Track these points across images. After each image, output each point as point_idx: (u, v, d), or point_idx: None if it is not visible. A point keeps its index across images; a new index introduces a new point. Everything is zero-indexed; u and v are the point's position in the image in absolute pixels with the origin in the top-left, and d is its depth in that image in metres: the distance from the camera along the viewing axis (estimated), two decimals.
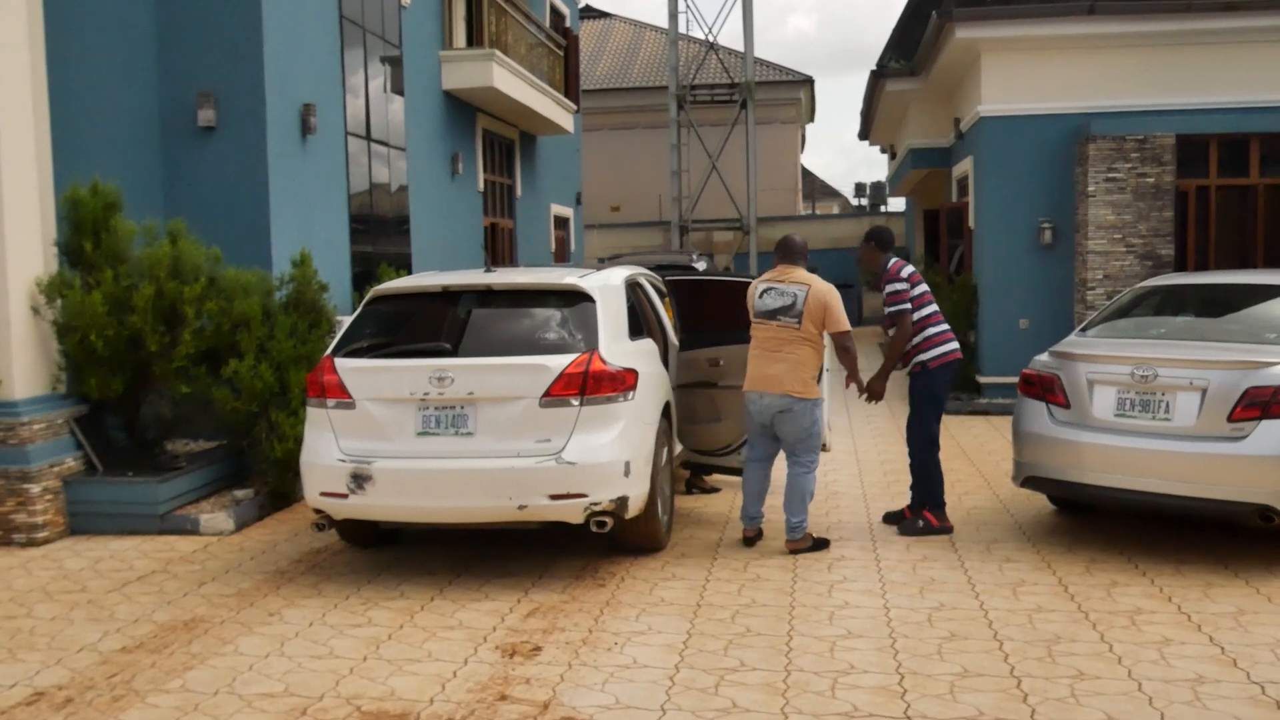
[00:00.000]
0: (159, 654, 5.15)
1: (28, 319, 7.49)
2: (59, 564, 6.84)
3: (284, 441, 7.87)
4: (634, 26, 34.01)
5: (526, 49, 15.86)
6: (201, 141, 9.27)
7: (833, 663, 4.83)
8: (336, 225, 10.68)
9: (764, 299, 6.69)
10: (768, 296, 6.68)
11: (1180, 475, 6.11)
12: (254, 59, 9.20)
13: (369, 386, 6.14)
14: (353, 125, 11.12)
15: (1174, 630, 5.15)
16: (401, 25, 12.51)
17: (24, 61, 7.46)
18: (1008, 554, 6.56)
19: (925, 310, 7.07)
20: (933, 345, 7.05)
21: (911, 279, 7.04)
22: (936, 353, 7.05)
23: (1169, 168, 12.16)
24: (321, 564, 6.70)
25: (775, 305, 6.64)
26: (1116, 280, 12.08)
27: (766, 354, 6.66)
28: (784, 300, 6.62)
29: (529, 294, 6.59)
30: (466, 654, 5.05)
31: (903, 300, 6.99)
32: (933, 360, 7.05)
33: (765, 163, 25.79)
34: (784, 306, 6.61)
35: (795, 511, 6.69)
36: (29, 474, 7.27)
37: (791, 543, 6.70)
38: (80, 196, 7.71)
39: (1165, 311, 7.40)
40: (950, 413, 12.63)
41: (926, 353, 7.05)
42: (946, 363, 7.08)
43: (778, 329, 6.62)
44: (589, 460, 5.90)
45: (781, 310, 6.61)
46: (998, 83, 12.92)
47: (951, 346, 7.10)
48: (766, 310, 6.67)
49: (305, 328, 8.37)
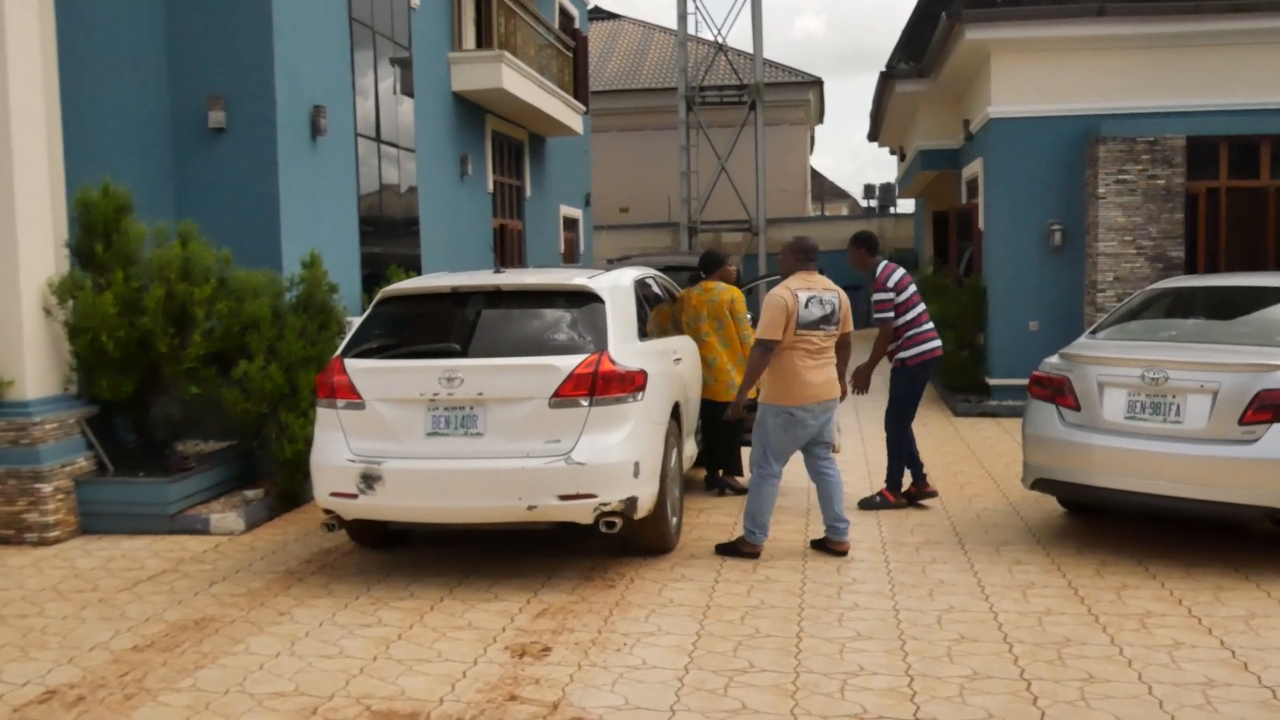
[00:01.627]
0: (170, 653, 5.16)
1: (39, 320, 7.53)
2: (70, 563, 6.87)
3: (294, 442, 7.89)
4: (643, 28, 34.03)
5: (536, 50, 15.88)
6: (212, 143, 9.30)
7: (842, 664, 4.83)
8: (346, 226, 10.71)
9: (809, 309, 6.46)
10: (812, 306, 6.47)
11: (1191, 478, 6.09)
12: (264, 61, 9.23)
13: (378, 387, 6.16)
14: (362, 127, 11.14)
15: (1185, 634, 5.14)
16: (411, 27, 12.53)
17: (36, 65, 7.50)
18: (1017, 556, 6.55)
19: (912, 312, 7.81)
20: (913, 344, 7.81)
21: (899, 285, 7.77)
22: (916, 351, 7.82)
23: (1180, 170, 12.13)
24: (331, 564, 6.72)
25: (820, 315, 6.49)
26: (1127, 282, 12.06)
27: (817, 364, 6.51)
28: (826, 309, 6.50)
29: (538, 295, 6.59)
30: (476, 654, 5.05)
31: (886, 310, 7.75)
32: (912, 358, 7.81)
33: (774, 164, 25.79)
34: (827, 315, 6.50)
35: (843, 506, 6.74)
36: (41, 474, 7.30)
37: (845, 542, 6.69)
38: (91, 199, 7.75)
39: (1176, 314, 7.39)
40: (959, 414, 12.67)
41: (907, 350, 7.82)
42: (925, 360, 7.83)
43: (824, 338, 6.51)
44: (598, 461, 5.91)
45: (824, 319, 6.50)
46: (1007, 84, 12.89)
47: (931, 345, 7.84)
48: (812, 320, 6.46)
49: (315, 329, 8.40)
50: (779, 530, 7.24)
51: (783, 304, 6.44)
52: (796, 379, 6.47)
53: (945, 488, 8.55)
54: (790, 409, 6.50)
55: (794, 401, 6.49)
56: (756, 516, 6.61)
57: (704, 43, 26.52)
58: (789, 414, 6.51)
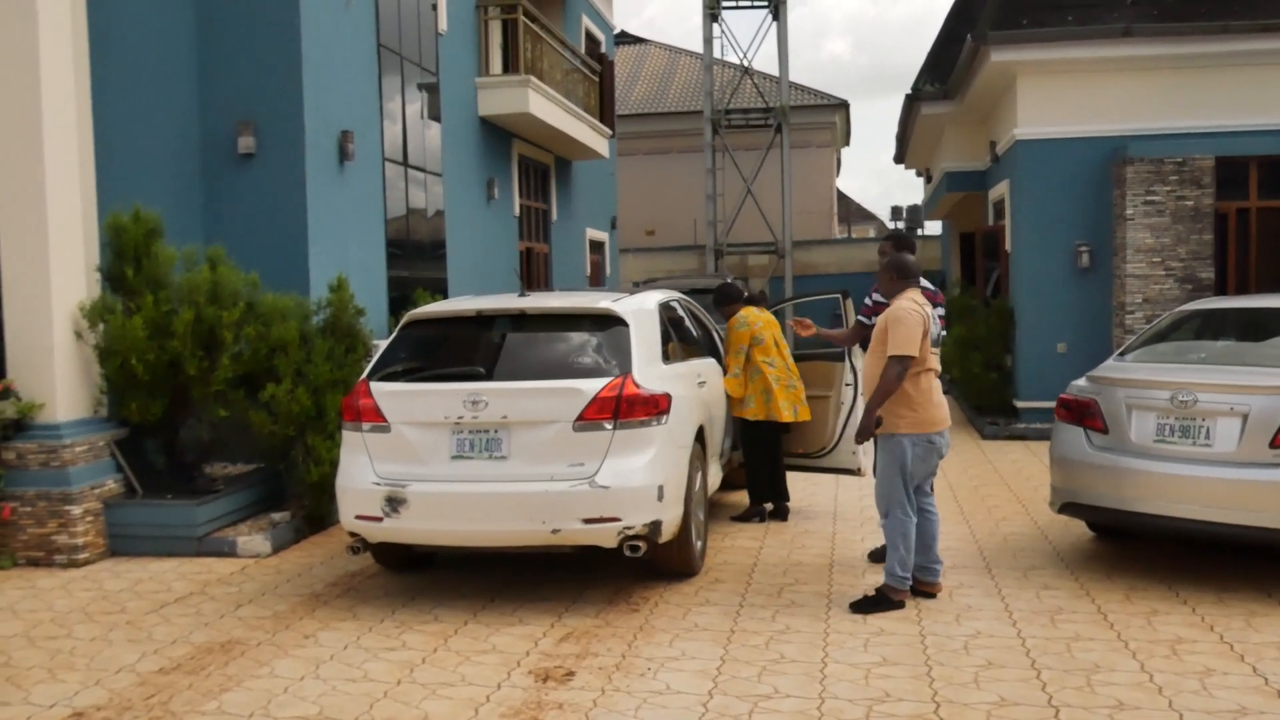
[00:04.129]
0: (196, 675, 5.19)
1: (71, 343, 7.62)
2: (99, 585, 6.92)
3: (320, 465, 7.93)
4: (669, 52, 34.15)
5: (562, 75, 15.98)
6: (241, 168, 9.40)
7: (868, 690, 4.79)
8: (373, 250, 10.78)
9: (935, 326, 6.05)
10: (937, 323, 6.12)
11: (1221, 502, 6.02)
12: (293, 87, 9.33)
13: (404, 410, 6.18)
14: (390, 151, 11.23)
15: (1216, 660, 5.07)
16: (439, 52, 12.64)
17: (69, 91, 7.62)
18: (1045, 581, 6.48)
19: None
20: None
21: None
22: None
23: (1208, 190, 12.04)
24: (356, 587, 6.73)
25: (937, 333, 6.15)
26: (1155, 304, 11.97)
27: (939, 386, 6.09)
28: (938, 328, 6.19)
29: (563, 318, 6.62)
30: (500, 678, 5.05)
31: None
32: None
33: (800, 186, 25.78)
34: (939, 336, 6.20)
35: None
36: (70, 496, 7.37)
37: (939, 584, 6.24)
38: (122, 223, 7.84)
39: (1205, 336, 7.32)
40: (987, 437, 12.58)
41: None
42: None
43: (937, 359, 6.16)
44: (622, 484, 5.90)
45: (937, 340, 6.13)
46: (1034, 106, 12.86)
47: None
48: (936, 338, 6.08)
49: (342, 352, 8.45)
50: (803, 555, 7.21)
51: (922, 317, 5.87)
52: (931, 401, 5.94)
53: (973, 511, 8.49)
54: (931, 435, 5.94)
55: (934, 426, 5.95)
56: (906, 561, 5.99)
57: (730, 66, 26.58)
58: (929, 441, 5.94)
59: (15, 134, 7.40)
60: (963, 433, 13.00)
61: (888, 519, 6.02)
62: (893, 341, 5.80)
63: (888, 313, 5.97)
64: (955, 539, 7.55)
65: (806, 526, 7.97)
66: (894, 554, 5.98)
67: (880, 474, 6.09)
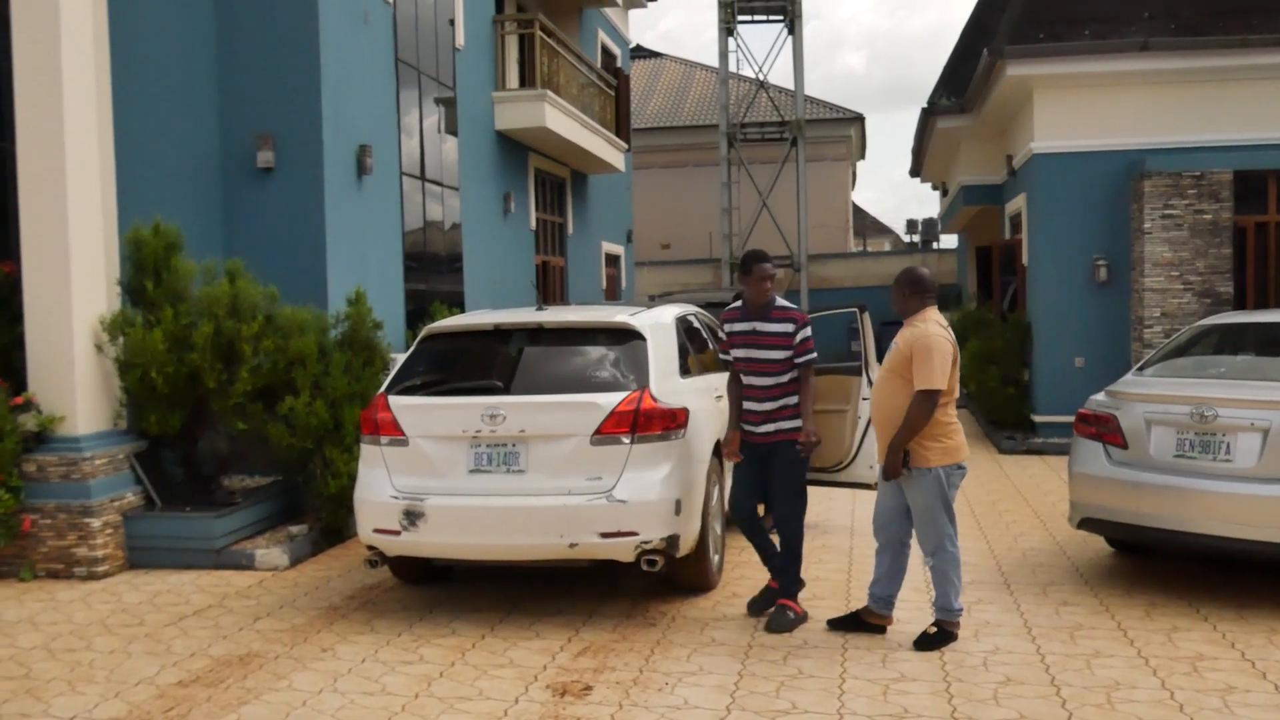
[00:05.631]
0: (214, 688, 5.20)
1: (91, 356, 7.66)
2: (118, 597, 6.95)
3: (338, 478, 7.95)
4: (684, 65, 34.21)
5: (578, 89, 16.04)
6: (260, 182, 9.46)
7: (886, 706, 4.77)
8: (391, 264, 10.83)
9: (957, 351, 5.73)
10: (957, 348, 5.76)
11: (1241, 518, 5.99)
12: (312, 102, 9.39)
13: (422, 424, 6.20)
14: (407, 165, 11.29)
15: (1238, 678, 5.03)
16: (456, 67, 12.71)
17: (90, 106, 7.68)
18: (1065, 597, 6.45)
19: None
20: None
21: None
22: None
23: (1227, 204, 11.99)
24: (374, 600, 6.74)
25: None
26: (1174, 318, 11.91)
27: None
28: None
29: (580, 332, 6.63)
30: (517, 692, 5.05)
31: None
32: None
33: (816, 200, 25.77)
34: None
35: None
36: (90, 508, 7.41)
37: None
38: (142, 237, 7.90)
39: (1224, 350, 7.29)
40: (1004, 452, 12.54)
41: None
42: None
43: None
44: (640, 498, 5.90)
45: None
46: (1050, 119, 12.84)
47: None
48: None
49: (360, 365, 8.48)
50: (820, 569, 7.19)
51: (950, 348, 5.55)
52: (957, 429, 5.64)
53: (990, 526, 8.46)
54: (962, 464, 5.66)
55: (963, 453, 5.65)
56: (959, 588, 5.70)
57: (745, 80, 26.63)
58: (960, 468, 5.65)
59: (37, 148, 7.47)
60: (980, 447, 12.95)
61: (935, 557, 5.65)
62: (923, 375, 5.43)
63: (913, 338, 5.55)
64: (973, 554, 7.51)
65: (824, 541, 7.95)
66: (949, 588, 5.63)
67: (920, 514, 5.64)
